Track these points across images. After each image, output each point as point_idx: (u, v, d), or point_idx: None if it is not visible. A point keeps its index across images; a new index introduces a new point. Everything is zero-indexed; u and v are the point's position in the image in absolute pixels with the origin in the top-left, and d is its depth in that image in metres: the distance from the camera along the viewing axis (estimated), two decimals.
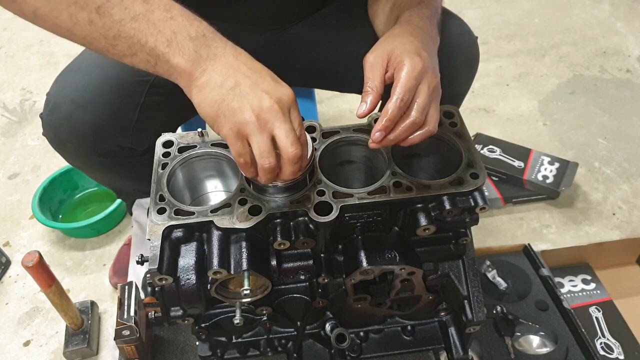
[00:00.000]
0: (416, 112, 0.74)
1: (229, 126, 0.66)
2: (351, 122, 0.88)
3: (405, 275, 0.83)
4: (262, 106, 0.65)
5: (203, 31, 0.69)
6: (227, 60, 0.68)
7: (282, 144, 0.67)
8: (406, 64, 0.74)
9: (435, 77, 0.77)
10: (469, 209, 0.79)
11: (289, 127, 0.67)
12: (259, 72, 0.69)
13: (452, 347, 0.99)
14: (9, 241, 1.61)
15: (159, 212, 0.76)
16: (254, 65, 0.69)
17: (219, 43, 0.69)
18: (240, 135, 0.67)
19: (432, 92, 0.75)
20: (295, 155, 0.67)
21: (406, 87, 0.73)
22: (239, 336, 1.01)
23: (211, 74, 0.67)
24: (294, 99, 0.69)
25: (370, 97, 0.75)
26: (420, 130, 0.75)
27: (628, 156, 1.79)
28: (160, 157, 0.83)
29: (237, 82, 0.66)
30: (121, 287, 1.13)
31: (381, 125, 0.73)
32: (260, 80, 0.67)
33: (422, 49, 0.77)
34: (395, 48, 0.77)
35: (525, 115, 1.98)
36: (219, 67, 0.67)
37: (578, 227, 1.57)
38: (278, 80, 0.69)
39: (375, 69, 0.76)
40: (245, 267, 0.74)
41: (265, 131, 0.66)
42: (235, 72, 0.67)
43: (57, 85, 1.01)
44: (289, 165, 0.68)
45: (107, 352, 1.30)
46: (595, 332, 1.30)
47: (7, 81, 2.24)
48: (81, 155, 1.06)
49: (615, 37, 2.33)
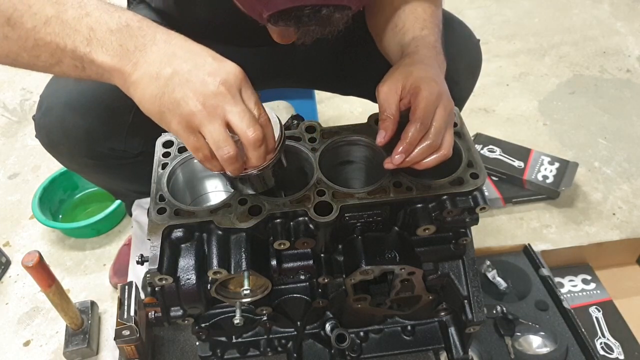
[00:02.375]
0: (434, 135, 0.74)
1: (176, 120, 0.61)
2: (351, 122, 0.88)
3: (405, 275, 0.83)
4: (206, 91, 0.60)
5: (126, 21, 0.62)
6: (159, 48, 0.61)
7: (237, 128, 0.61)
8: (423, 89, 0.74)
9: (450, 102, 0.77)
10: (469, 209, 0.79)
11: (242, 109, 0.61)
12: (198, 54, 0.62)
13: (452, 347, 0.99)
14: (9, 241, 1.61)
15: (159, 212, 0.75)
16: (190, 47, 0.63)
17: (147, 31, 0.63)
18: (191, 128, 0.61)
19: (448, 117, 0.76)
20: (255, 138, 0.61)
21: (425, 111, 0.73)
22: (239, 336, 1.01)
23: (144, 67, 0.61)
24: (242, 77, 0.63)
25: (388, 124, 0.75)
26: (436, 154, 0.75)
27: (628, 156, 1.79)
28: (160, 157, 0.83)
29: (174, 70, 0.60)
30: (121, 287, 1.13)
31: (402, 148, 0.73)
32: (200, 61, 0.61)
33: (435, 75, 0.77)
34: (408, 76, 0.77)
35: (525, 115, 1.98)
36: (151, 57, 0.61)
37: (578, 227, 1.57)
38: (220, 59, 0.63)
39: (390, 97, 0.76)
40: (245, 267, 0.74)
41: (216, 118, 0.60)
42: (171, 59, 0.61)
43: (51, 87, 1.01)
44: (252, 149, 0.63)
45: (107, 352, 1.30)
46: (595, 332, 1.30)
47: (7, 81, 2.24)
48: (74, 158, 1.05)
49: (615, 37, 2.33)
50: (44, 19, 0.62)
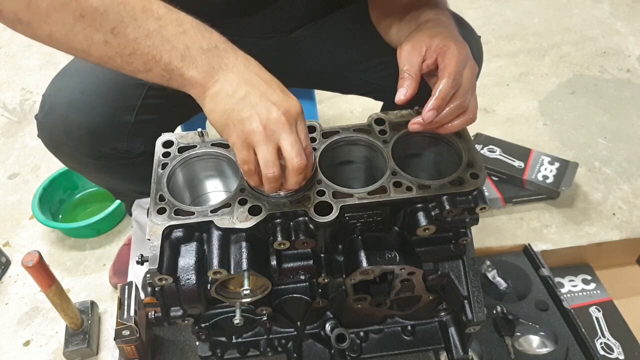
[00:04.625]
0: (462, 95, 0.74)
1: (237, 134, 0.68)
2: (351, 122, 0.88)
3: (405, 275, 0.83)
4: (270, 117, 0.67)
5: (215, 42, 0.70)
6: (239, 71, 0.69)
7: (287, 154, 0.68)
8: (452, 47, 0.74)
9: (475, 66, 0.77)
10: (469, 209, 0.79)
11: (294, 139, 0.68)
12: (269, 84, 0.70)
13: (452, 347, 0.99)
14: (9, 241, 1.61)
15: (159, 212, 0.75)
16: (264, 76, 0.71)
17: (231, 53, 0.70)
18: (247, 144, 0.68)
19: (474, 79, 0.76)
20: (300, 165, 0.68)
21: (456, 67, 0.73)
22: (239, 336, 1.01)
23: (223, 85, 0.69)
24: (300, 111, 0.70)
25: (409, 82, 0.75)
26: (463, 117, 0.76)
27: (628, 156, 1.79)
28: (160, 157, 0.83)
29: (247, 93, 0.68)
30: (121, 287, 1.13)
31: (433, 103, 0.73)
32: (269, 91, 0.69)
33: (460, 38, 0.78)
34: (433, 37, 0.77)
35: (525, 115, 1.98)
36: (230, 78, 0.69)
37: (578, 227, 1.57)
38: (287, 92, 0.71)
39: (413, 56, 0.76)
40: (245, 267, 0.74)
41: (271, 141, 0.68)
42: (246, 83, 0.69)
43: (53, 86, 1.01)
44: (293, 175, 0.70)
45: (107, 352, 1.30)
46: (595, 332, 1.30)
47: (7, 81, 2.24)
48: (76, 158, 1.05)
49: (615, 37, 2.33)
50: (146, 32, 0.68)
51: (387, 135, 0.84)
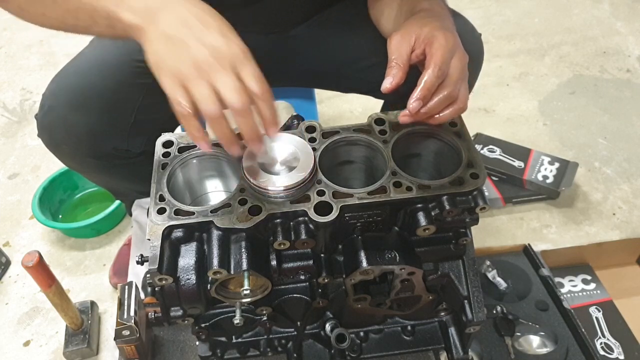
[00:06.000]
0: (450, 85, 0.73)
1: (167, 76, 0.66)
2: (351, 122, 0.88)
3: (405, 275, 0.83)
4: (201, 58, 0.65)
5: None
6: (177, 11, 0.68)
7: (222, 94, 0.65)
8: (439, 37, 0.74)
9: (465, 55, 0.77)
10: (469, 209, 0.79)
11: (230, 79, 0.65)
12: (206, 25, 0.68)
13: (452, 347, 0.99)
14: (9, 241, 1.61)
15: (159, 212, 0.75)
16: (204, 18, 0.68)
17: None
18: (178, 84, 0.66)
19: (463, 69, 0.75)
20: (239, 104, 0.65)
21: (442, 58, 0.73)
22: (239, 336, 1.01)
23: (159, 26, 0.67)
24: (241, 55, 0.67)
25: (395, 70, 0.74)
26: (453, 107, 0.75)
27: (628, 156, 1.79)
28: (160, 157, 0.83)
29: (183, 35, 0.66)
30: (121, 287, 1.13)
31: (418, 94, 0.72)
32: (205, 33, 0.67)
33: (451, 29, 0.78)
34: (423, 27, 0.77)
35: (525, 115, 1.98)
36: (167, 19, 0.67)
37: (578, 227, 1.57)
38: (227, 36, 0.68)
39: (402, 46, 0.76)
40: (245, 267, 0.74)
41: (203, 79, 0.65)
42: (183, 25, 0.67)
43: (53, 86, 1.01)
44: (237, 116, 0.66)
45: (107, 352, 1.30)
46: (595, 332, 1.30)
47: (7, 81, 2.24)
48: (76, 157, 1.05)
49: (615, 37, 2.33)
50: None
51: (387, 135, 0.84)
